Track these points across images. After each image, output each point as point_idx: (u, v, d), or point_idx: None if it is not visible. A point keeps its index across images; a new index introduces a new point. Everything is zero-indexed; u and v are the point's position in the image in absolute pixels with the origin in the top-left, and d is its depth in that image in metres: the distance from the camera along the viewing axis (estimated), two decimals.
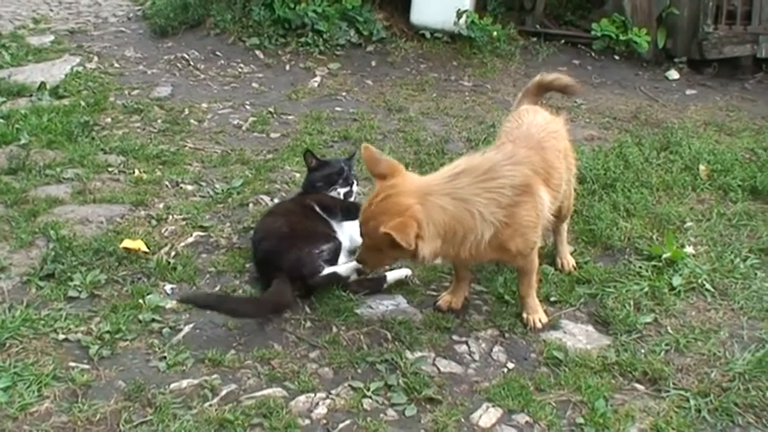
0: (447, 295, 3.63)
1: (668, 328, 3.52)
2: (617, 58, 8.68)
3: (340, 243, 3.81)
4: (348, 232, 3.92)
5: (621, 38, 8.60)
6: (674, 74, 8.53)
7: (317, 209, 3.95)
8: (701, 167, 5.34)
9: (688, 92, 8.07)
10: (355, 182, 4.20)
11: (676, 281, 3.85)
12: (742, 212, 4.72)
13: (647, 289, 3.81)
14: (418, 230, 3.00)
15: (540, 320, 3.50)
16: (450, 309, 3.59)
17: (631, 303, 3.69)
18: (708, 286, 3.86)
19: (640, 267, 4.00)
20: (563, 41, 8.84)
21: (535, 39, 8.81)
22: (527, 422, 2.91)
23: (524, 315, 3.53)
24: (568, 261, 4.03)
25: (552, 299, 3.74)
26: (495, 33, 8.38)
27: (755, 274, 4.01)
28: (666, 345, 3.39)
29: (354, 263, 3.60)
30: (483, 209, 3.11)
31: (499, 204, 3.13)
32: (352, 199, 4.12)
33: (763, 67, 8.72)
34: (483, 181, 3.14)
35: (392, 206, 3.06)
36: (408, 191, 3.11)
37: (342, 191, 4.11)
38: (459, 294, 3.61)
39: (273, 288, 3.49)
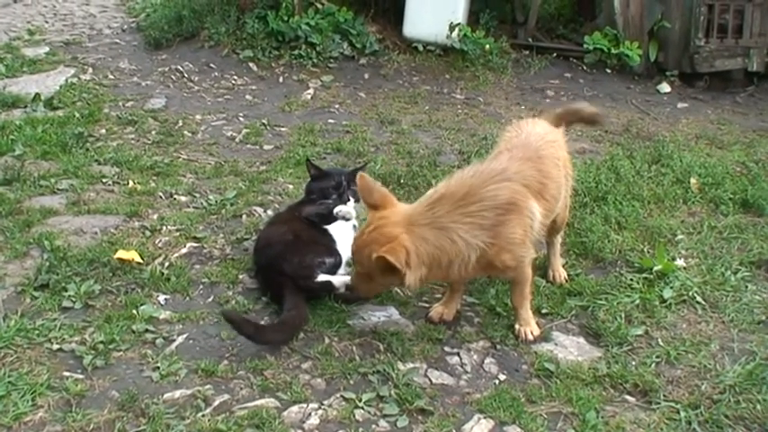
0: (439, 307, 3.65)
1: (659, 340, 3.54)
2: (609, 71, 8.73)
3: (341, 259, 3.81)
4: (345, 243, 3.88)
5: (613, 51, 8.65)
6: (665, 87, 8.58)
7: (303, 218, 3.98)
8: (692, 180, 5.38)
9: (679, 105, 8.12)
10: (352, 199, 4.07)
11: (667, 293, 3.87)
12: (733, 225, 4.75)
13: (638, 301, 3.83)
14: (407, 257, 3.08)
15: (531, 332, 3.52)
16: (441, 320, 3.61)
17: (622, 315, 3.71)
18: (699, 299, 3.88)
19: (631, 280, 4.02)
20: (555, 55, 8.90)
21: (527, 52, 8.87)
22: None
23: (516, 326, 3.54)
24: (560, 273, 4.05)
25: (544, 311, 3.76)
26: (487, 46, 8.43)
27: (746, 286, 4.04)
28: (657, 357, 3.40)
29: (348, 277, 3.64)
30: (464, 234, 3.16)
31: (481, 227, 3.18)
32: (349, 218, 4.00)
33: (755, 80, 8.79)
34: (461, 206, 3.19)
35: (381, 236, 3.15)
36: (395, 221, 3.19)
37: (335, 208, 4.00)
38: (451, 306, 3.63)
39: (289, 306, 3.48)
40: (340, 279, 3.69)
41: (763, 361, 3.36)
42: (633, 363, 3.37)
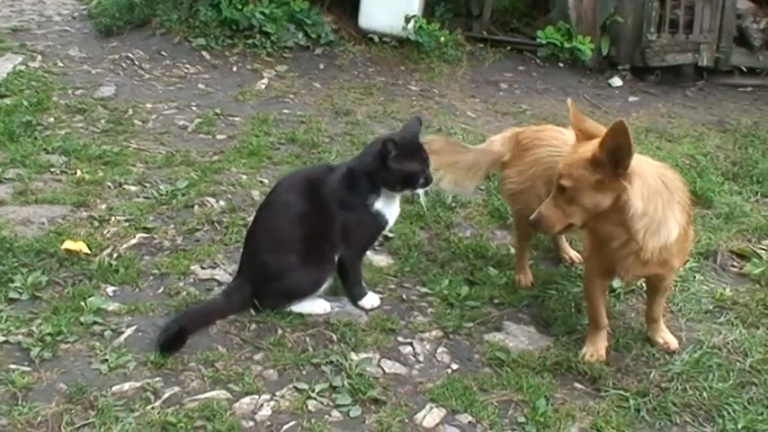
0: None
1: (608, 329, 3.58)
2: (561, 65, 8.80)
3: None
4: None
5: (566, 45, 8.71)
6: (617, 81, 8.68)
7: None
8: None
9: (630, 99, 8.23)
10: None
11: (616, 283, 3.90)
12: None
13: None
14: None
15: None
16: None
17: (572, 305, 3.75)
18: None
19: (581, 270, 4.06)
20: (509, 48, 8.95)
21: (482, 45, 8.90)
22: (470, 422, 2.94)
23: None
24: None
25: (496, 301, 3.78)
26: (442, 39, 8.44)
27: (694, 276, 4.11)
28: (606, 345, 3.45)
29: None
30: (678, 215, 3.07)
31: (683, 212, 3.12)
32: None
33: (704, 75, 8.95)
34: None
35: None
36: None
37: (421, 192, 3.57)
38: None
39: None
40: None
41: (710, 349, 3.42)
42: (582, 351, 3.40)
